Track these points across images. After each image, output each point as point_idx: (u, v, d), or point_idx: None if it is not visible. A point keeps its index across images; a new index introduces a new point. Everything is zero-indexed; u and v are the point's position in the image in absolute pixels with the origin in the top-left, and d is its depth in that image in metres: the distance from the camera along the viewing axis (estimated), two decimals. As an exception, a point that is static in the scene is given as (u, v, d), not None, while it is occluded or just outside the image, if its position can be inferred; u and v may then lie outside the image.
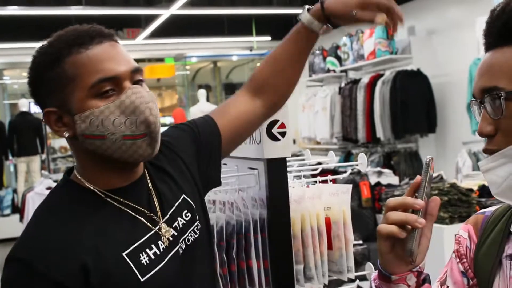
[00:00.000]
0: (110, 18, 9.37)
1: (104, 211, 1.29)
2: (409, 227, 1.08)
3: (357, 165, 2.14)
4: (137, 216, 1.32)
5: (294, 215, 1.78)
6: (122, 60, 1.27)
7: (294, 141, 11.10)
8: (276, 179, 1.71)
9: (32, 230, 1.26)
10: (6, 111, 13.80)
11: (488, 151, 1.15)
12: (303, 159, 2.40)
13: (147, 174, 1.41)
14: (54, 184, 6.58)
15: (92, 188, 1.31)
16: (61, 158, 10.94)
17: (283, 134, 1.72)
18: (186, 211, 1.43)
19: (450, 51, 7.81)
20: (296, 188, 1.91)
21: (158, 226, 1.34)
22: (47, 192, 5.64)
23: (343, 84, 8.84)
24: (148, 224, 1.33)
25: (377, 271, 1.17)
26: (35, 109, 14.11)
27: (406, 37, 8.23)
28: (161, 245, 1.33)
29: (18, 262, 1.21)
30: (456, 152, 7.17)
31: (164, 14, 8.57)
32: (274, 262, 1.72)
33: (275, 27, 10.62)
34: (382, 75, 8.09)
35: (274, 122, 1.71)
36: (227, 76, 15.50)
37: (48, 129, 10.56)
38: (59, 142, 10.90)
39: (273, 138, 1.70)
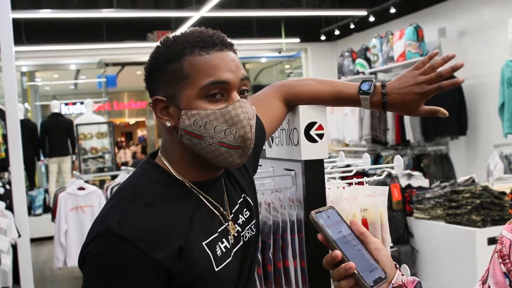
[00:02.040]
0: (141, 20, 9.48)
1: (190, 201, 1.38)
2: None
3: (392, 167, 2.14)
4: (213, 210, 1.42)
5: (331, 216, 1.79)
6: (234, 69, 1.37)
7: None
8: (313, 180, 1.72)
9: (128, 207, 1.30)
10: (38, 112, 14.01)
11: None
12: (333, 161, 2.41)
13: (224, 174, 1.52)
14: (85, 185, 6.68)
15: (178, 177, 1.39)
16: (91, 159, 11.05)
17: (320, 136, 1.73)
18: (245, 209, 1.54)
19: (481, 53, 7.74)
20: (332, 190, 1.92)
21: (227, 223, 1.45)
22: (79, 192, 5.67)
23: (373, 86, 8.79)
24: (221, 219, 1.43)
25: None
26: (66, 111, 14.33)
27: (437, 38, 8.17)
28: (230, 240, 1.43)
29: (119, 238, 1.23)
30: (487, 155, 7.10)
31: (194, 16, 8.62)
32: (310, 262, 1.73)
33: (304, 29, 10.63)
34: (412, 77, 8.03)
35: (312, 124, 1.72)
36: (255, 78, 15.53)
37: (80, 130, 10.69)
38: (90, 143, 11.02)
39: (311, 139, 1.71)
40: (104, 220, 1.28)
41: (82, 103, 14.09)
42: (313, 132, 1.72)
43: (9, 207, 5.97)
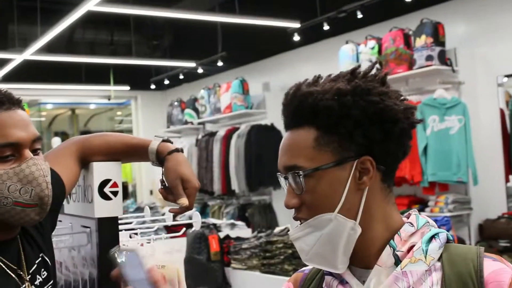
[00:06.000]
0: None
1: None
2: None
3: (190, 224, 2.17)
4: (9, 272, 1.37)
5: (126, 274, 1.77)
6: (26, 128, 1.33)
7: (151, 192, 11.01)
8: (107, 238, 1.70)
9: None
10: None
11: (298, 219, 1.24)
12: (142, 215, 2.40)
13: (20, 232, 1.47)
14: None
15: None
16: None
17: (115, 193, 1.72)
18: (43, 269, 1.49)
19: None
20: (131, 246, 1.90)
21: (24, 284, 1.40)
22: None
23: (200, 136, 8.95)
24: (18, 280, 1.39)
25: None
26: None
27: (261, 92, 8.52)
28: None
29: None
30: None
31: (16, 59, 8.27)
32: (104, 323, 1.69)
33: (134, 77, 10.61)
34: (237, 129, 8.28)
35: (107, 181, 1.70)
36: (85, 124, 15.16)
37: None
38: None
39: (105, 197, 1.70)
40: None
41: None
42: (107, 190, 1.71)
43: None
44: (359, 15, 6.35)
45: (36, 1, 7.84)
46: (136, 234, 2.09)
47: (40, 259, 1.50)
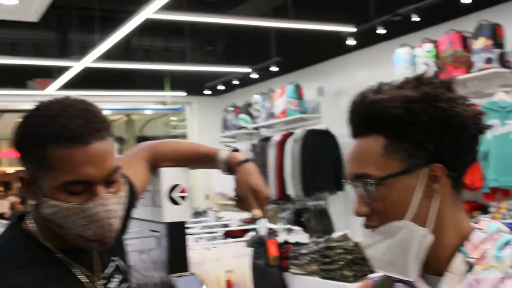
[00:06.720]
0: (20, 67, 9.21)
1: (56, 269, 1.37)
2: None
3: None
4: (81, 277, 1.41)
5: (195, 278, 1.80)
6: (101, 164, 1.32)
7: (207, 197, 11.09)
8: (176, 242, 1.73)
9: None
10: None
11: (368, 227, 1.24)
12: (203, 220, 2.43)
13: None
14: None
15: (46, 244, 1.38)
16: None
17: (184, 198, 1.75)
18: (117, 272, 1.54)
19: (357, 112, 8.08)
20: (197, 251, 1.94)
21: None
22: None
23: (255, 141, 8.98)
24: (91, 286, 1.42)
25: None
26: None
27: (316, 97, 8.50)
28: None
29: None
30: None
31: (75, 66, 8.48)
32: (173, 326, 1.72)
33: (190, 83, 10.74)
34: (292, 133, 8.28)
35: (175, 186, 1.74)
36: (141, 129, 15.40)
37: None
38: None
39: (174, 202, 1.74)
40: None
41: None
42: (175, 195, 1.74)
43: None
44: (415, 18, 6.26)
45: (94, 10, 8.03)
46: (201, 238, 2.12)
47: (114, 262, 1.55)
